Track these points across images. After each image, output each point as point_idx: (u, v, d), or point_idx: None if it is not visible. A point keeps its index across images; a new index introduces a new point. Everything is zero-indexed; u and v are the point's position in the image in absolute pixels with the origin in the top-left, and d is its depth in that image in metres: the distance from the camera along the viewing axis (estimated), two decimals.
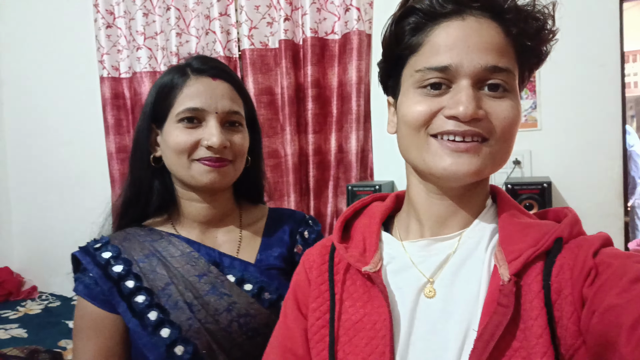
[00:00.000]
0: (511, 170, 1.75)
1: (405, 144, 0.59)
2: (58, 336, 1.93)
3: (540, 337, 0.48)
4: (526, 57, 0.57)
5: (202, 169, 0.81)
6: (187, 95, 0.82)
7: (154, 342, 0.76)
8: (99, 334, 0.79)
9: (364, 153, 1.97)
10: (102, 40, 2.32)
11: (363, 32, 1.89)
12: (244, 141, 0.86)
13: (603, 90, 1.64)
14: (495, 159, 0.55)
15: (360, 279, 0.61)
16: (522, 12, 0.54)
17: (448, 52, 0.53)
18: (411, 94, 0.56)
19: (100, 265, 0.81)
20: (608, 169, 1.65)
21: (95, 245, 0.85)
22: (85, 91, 2.47)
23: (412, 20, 0.56)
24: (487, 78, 0.53)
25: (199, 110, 0.81)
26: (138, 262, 0.82)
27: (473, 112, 0.52)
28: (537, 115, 1.75)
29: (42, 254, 2.76)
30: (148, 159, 0.87)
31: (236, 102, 0.85)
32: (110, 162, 2.36)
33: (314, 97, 1.95)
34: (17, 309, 2.35)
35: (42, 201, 2.75)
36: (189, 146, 0.81)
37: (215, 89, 0.83)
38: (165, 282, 0.80)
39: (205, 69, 0.84)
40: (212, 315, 0.79)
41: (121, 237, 0.86)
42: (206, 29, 2.11)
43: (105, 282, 0.80)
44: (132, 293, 0.79)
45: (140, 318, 0.77)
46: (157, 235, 0.86)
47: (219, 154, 0.81)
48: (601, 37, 1.63)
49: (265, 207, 0.99)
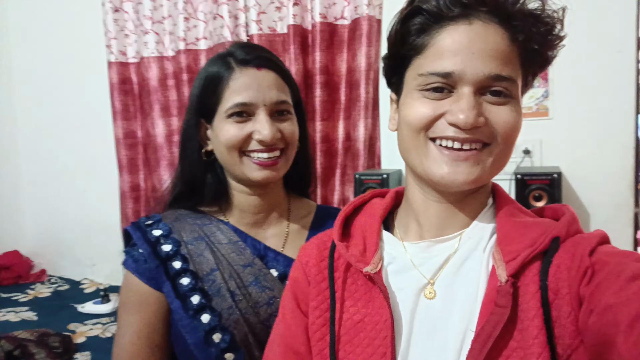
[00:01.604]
0: (521, 159, 1.74)
1: (405, 145, 0.59)
2: (67, 319, 1.97)
3: (536, 338, 0.48)
4: (531, 61, 0.56)
5: (253, 167, 0.82)
6: (234, 90, 0.81)
7: (193, 326, 0.77)
8: (144, 309, 0.80)
9: (371, 141, 1.96)
10: (109, 25, 2.30)
11: (373, 18, 1.86)
12: (294, 128, 0.86)
13: (616, 78, 1.61)
14: (495, 165, 0.56)
15: (362, 278, 0.61)
16: (530, 17, 0.53)
17: (452, 58, 0.53)
18: (414, 95, 0.56)
19: (150, 242, 0.82)
20: (620, 158, 1.62)
21: (147, 222, 0.86)
22: (93, 76, 2.47)
23: (418, 20, 0.56)
24: (490, 85, 0.53)
25: (247, 104, 0.80)
26: (187, 244, 0.83)
27: (474, 121, 0.52)
28: (548, 104, 1.72)
29: (51, 238, 2.80)
30: (199, 153, 0.87)
31: (283, 90, 0.84)
32: (117, 147, 2.37)
33: (323, 83, 1.93)
34: (26, 292, 2.39)
35: (52, 186, 2.78)
36: (240, 140, 0.81)
37: (261, 81, 0.81)
38: (210, 267, 0.81)
39: (249, 59, 0.82)
40: (253, 307, 0.79)
41: (173, 216, 0.87)
42: (214, 14, 2.09)
43: (153, 260, 0.81)
44: (177, 274, 0.80)
45: (183, 300, 0.78)
46: (207, 219, 0.87)
47: (272, 145, 0.81)
48: (617, 24, 1.59)
49: (313, 203, 0.99)
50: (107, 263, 2.57)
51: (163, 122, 2.26)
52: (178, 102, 2.22)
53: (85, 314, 2.05)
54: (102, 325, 1.90)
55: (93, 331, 1.85)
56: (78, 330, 1.85)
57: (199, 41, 2.13)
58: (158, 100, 2.26)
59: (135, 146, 2.37)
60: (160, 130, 2.27)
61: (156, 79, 2.24)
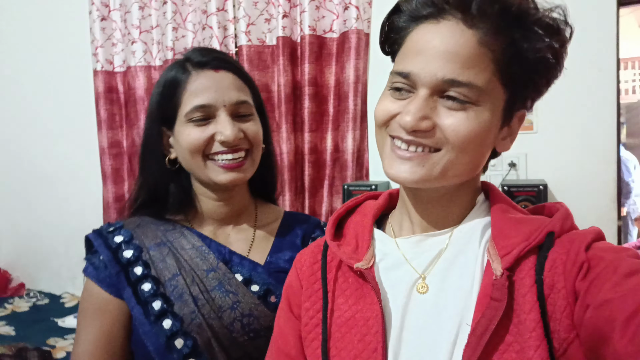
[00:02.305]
0: (507, 172, 1.76)
1: (376, 141, 0.61)
2: (46, 334, 1.90)
3: (533, 331, 0.48)
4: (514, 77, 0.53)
5: (219, 170, 0.81)
6: (192, 92, 0.80)
7: (154, 332, 0.76)
8: (103, 316, 0.79)
9: (359, 152, 1.97)
10: (96, 33, 2.28)
11: (362, 31, 1.88)
12: (257, 128, 0.85)
13: (599, 95, 1.65)
14: (448, 170, 0.54)
15: (353, 276, 0.61)
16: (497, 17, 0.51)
17: (414, 58, 0.53)
18: (385, 92, 0.58)
19: (110, 249, 0.82)
20: (602, 172, 1.66)
21: (109, 229, 0.85)
22: (78, 84, 2.43)
23: (397, 19, 0.57)
24: (446, 89, 0.52)
25: (207, 107, 0.79)
26: (149, 250, 0.82)
27: (414, 125, 0.52)
28: (533, 118, 1.76)
29: (30, 251, 2.71)
30: (161, 162, 0.86)
31: (243, 91, 0.84)
32: (102, 157, 2.33)
33: (311, 95, 1.94)
34: (4, 306, 2.31)
35: (30, 196, 2.70)
36: (202, 144, 0.80)
37: (219, 82, 0.81)
38: (173, 273, 0.80)
39: (205, 61, 0.82)
40: (216, 311, 0.78)
41: (135, 223, 0.86)
42: (203, 24, 2.09)
43: (114, 266, 0.80)
44: (139, 280, 0.79)
45: (144, 306, 0.77)
46: (171, 225, 0.86)
47: (235, 146, 0.81)
48: (598, 42, 1.64)
49: (280, 209, 0.98)
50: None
51: None
52: None
53: (65, 328, 1.99)
54: None
55: None
56: (58, 345, 1.79)
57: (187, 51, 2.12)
58: (144, 109, 2.23)
59: (120, 156, 2.34)
60: None
61: (143, 88, 2.22)
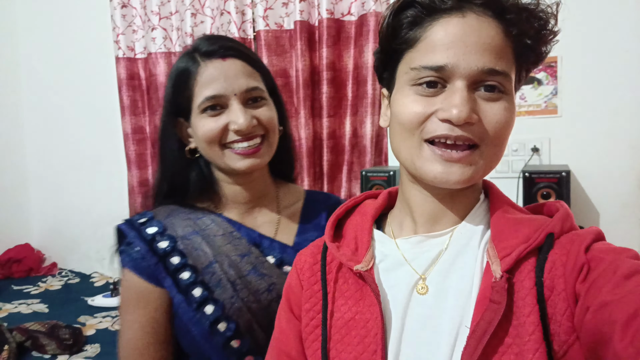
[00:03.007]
0: (529, 157, 1.72)
1: (396, 143, 0.58)
2: (77, 312, 2.00)
3: (532, 334, 0.48)
4: (525, 57, 0.55)
5: (235, 157, 0.82)
6: (203, 84, 0.81)
7: (198, 318, 0.78)
8: (146, 305, 0.81)
9: (378, 138, 1.95)
10: (117, 20, 2.31)
11: (380, 14, 1.84)
12: (271, 113, 0.85)
13: (626, 76, 1.59)
14: (487, 164, 0.55)
15: (352, 277, 0.61)
16: (523, 11, 0.52)
17: (445, 52, 0.52)
18: (406, 91, 0.55)
19: (145, 241, 0.83)
20: (629, 158, 1.60)
21: (140, 220, 0.86)
22: (101, 71, 2.48)
23: (410, 13, 0.55)
24: (483, 80, 0.52)
25: (217, 97, 0.80)
26: (183, 239, 0.83)
27: (467, 116, 0.51)
28: (557, 102, 1.70)
29: (60, 232, 2.83)
30: (179, 152, 0.87)
31: (252, 77, 0.83)
32: (126, 142, 2.39)
33: (329, 80, 1.92)
34: (38, 284, 2.43)
35: (59, 180, 2.80)
36: (218, 134, 0.81)
37: (228, 70, 0.81)
38: (209, 260, 0.82)
39: (213, 50, 0.82)
40: (254, 294, 0.81)
41: (165, 213, 0.87)
42: (221, 10, 2.08)
43: (151, 257, 0.81)
44: (177, 269, 0.81)
45: (185, 294, 0.79)
46: (200, 213, 0.87)
47: (249, 133, 0.81)
48: (626, 21, 1.56)
49: (301, 189, 1.00)
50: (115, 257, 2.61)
51: None
52: None
53: (95, 307, 2.08)
54: (112, 318, 1.93)
55: (102, 324, 1.88)
56: (88, 323, 1.88)
57: None
58: None
59: (144, 141, 2.39)
60: None
61: (164, 74, 2.25)
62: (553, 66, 1.70)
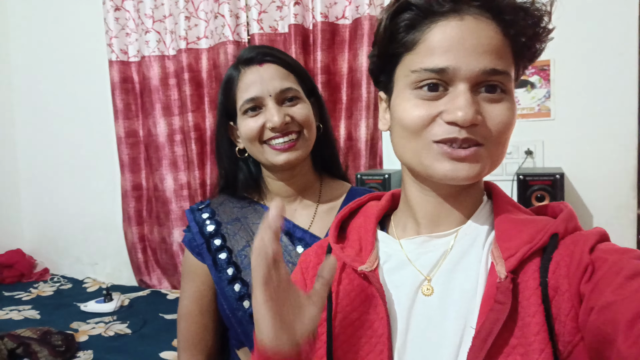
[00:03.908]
0: (523, 160, 1.73)
1: (401, 145, 0.58)
2: (70, 318, 1.97)
3: (537, 334, 0.48)
4: (521, 55, 0.56)
5: (273, 152, 0.90)
6: (243, 88, 0.91)
7: (228, 294, 0.90)
8: (195, 278, 0.96)
9: (373, 141, 1.96)
10: (110, 24, 2.30)
11: (374, 17, 1.85)
12: (305, 110, 0.92)
13: (618, 80, 1.60)
14: (493, 164, 0.56)
15: (357, 278, 0.61)
16: (520, 11, 0.53)
17: (445, 54, 0.52)
18: (407, 95, 0.55)
19: (198, 223, 0.97)
20: (622, 160, 1.62)
21: (200, 206, 1.01)
22: (94, 74, 2.47)
23: (407, 16, 0.54)
24: (485, 80, 0.53)
25: (255, 98, 0.89)
26: (226, 225, 0.96)
27: (472, 118, 0.51)
28: (550, 105, 1.72)
29: (52, 237, 2.80)
30: (231, 152, 0.99)
31: (287, 79, 0.91)
32: (119, 146, 2.37)
33: (324, 83, 1.93)
34: (29, 290, 2.40)
35: (51, 184, 2.78)
36: (257, 132, 0.89)
37: (264, 74, 0.90)
38: (243, 245, 0.94)
39: (251, 57, 0.92)
40: None
41: (218, 201, 1.01)
42: (215, 13, 2.08)
43: (200, 238, 0.95)
44: (217, 250, 0.94)
45: (220, 272, 0.92)
46: (247, 203, 0.99)
47: (284, 130, 0.89)
48: (619, 26, 1.58)
49: (347, 185, 1.04)
50: (108, 262, 2.58)
51: (164, 121, 2.26)
52: (179, 101, 2.22)
53: (87, 312, 2.06)
54: (105, 324, 1.90)
55: (95, 330, 1.85)
56: (80, 329, 1.85)
57: (200, 40, 2.13)
58: (159, 99, 2.26)
59: (137, 145, 2.38)
60: (162, 130, 2.27)
61: (157, 78, 2.24)
62: (546, 69, 1.71)
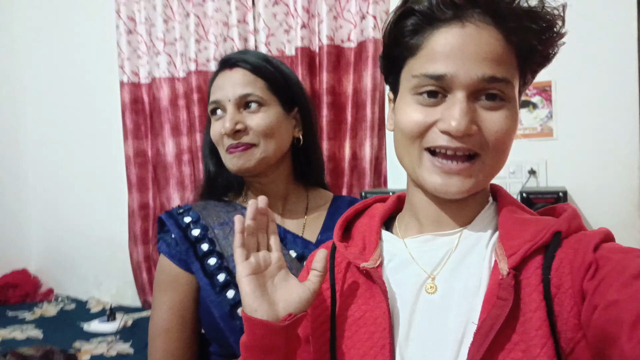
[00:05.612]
0: (526, 179, 1.74)
1: (400, 150, 0.59)
2: (73, 337, 1.96)
3: (539, 329, 0.48)
4: (529, 59, 0.55)
5: (228, 156, 0.89)
6: (212, 91, 0.91)
7: (219, 301, 0.84)
8: (176, 288, 0.88)
9: (377, 160, 1.98)
10: (123, 46, 2.37)
11: (379, 41, 1.90)
12: (263, 121, 0.87)
13: (620, 98, 1.63)
14: (489, 172, 0.56)
15: (361, 277, 0.62)
16: (524, 17, 0.52)
17: (444, 61, 0.52)
18: (408, 99, 0.56)
19: (181, 228, 0.91)
20: (625, 178, 1.63)
21: (179, 211, 0.95)
22: (105, 96, 2.52)
23: (411, 22, 0.55)
24: (484, 88, 0.53)
25: (217, 102, 0.89)
26: (213, 229, 0.91)
27: (465, 129, 0.51)
28: (552, 125, 1.74)
29: (58, 257, 2.80)
30: (211, 151, 0.96)
31: (251, 85, 0.88)
32: (128, 166, 2.40)
33: (329, 104, 1.96)
34: (33, 310, 2.39)
35: (59, 203, 2.80)
36: (217, 135, 0.89)
37: (229, 78, 0.88)
38: None
39: (225, 61, 0.91)
40: None
41: (201, 206, 0.96)
42: (224, 36, 2.15)
43: (184, 243, 0.89)
44: (205, 255, 0.88)
45: (210, 278, 0.86)
46: (232, 207, 0.95)
47: (237, 140, 0.86)
48: (618, 44, 1.62)
49: (329, 193, 1.06)
50: (113, 281, 2.57)
51: (173, 141, 2.30)
52: (188, 122, 2.26)
53: (90, 332, 2.04)
54: (107, 344, 1.89)
55: (98, 349, 1.84)
56: (83, 348, 1.84)
57: (210, 62, 2.19)
58: (169, 119, 2.30)
59: (145, 165, 2.41)
60: (170, 149, 2.31)
61: (167, 99, 2.30)
62: (547, 90, 1.74)
